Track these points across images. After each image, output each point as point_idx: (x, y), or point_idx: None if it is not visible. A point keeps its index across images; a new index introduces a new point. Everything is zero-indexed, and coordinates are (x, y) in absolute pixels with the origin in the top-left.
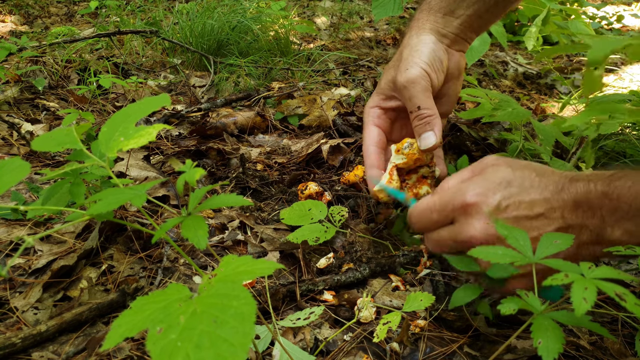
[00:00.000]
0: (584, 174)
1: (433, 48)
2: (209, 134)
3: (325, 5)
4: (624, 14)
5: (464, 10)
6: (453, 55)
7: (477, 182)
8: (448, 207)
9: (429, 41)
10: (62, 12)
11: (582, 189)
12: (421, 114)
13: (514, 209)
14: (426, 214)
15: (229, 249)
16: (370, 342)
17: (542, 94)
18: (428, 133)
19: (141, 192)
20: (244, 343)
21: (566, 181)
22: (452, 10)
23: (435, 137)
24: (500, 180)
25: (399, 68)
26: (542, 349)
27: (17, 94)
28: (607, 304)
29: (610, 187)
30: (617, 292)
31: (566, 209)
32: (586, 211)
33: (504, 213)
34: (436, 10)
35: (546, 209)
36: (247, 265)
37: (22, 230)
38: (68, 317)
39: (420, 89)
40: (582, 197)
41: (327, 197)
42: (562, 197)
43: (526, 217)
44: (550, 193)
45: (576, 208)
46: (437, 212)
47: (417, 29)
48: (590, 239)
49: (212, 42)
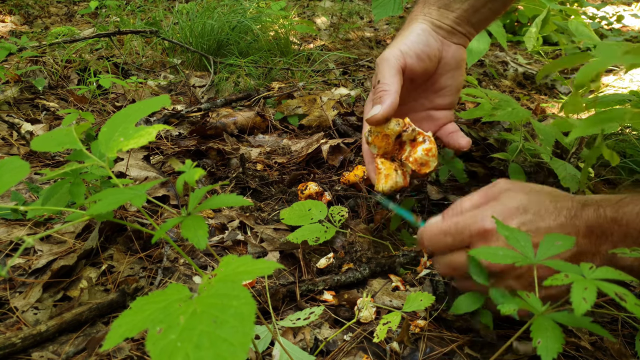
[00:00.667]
0: (593, 199)
1: (419, 34)
2: (209, 134)
3: (325, 5)
4: (624, 14)
5: (459, 4)
6: (449, 46)
7: (494, 207)
8: (465, 232)
9: (418, 29)
10: (62, 12)
11: (592, 215)
12: (377, 88)
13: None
14: (440, 238)
15: (229, 249)
16: (370, 342)
17: (542, 94)
18: (376, 106)
19: (141, 192)
20: (243, 343)
21: (578, 207)
22: (447, 4)
23: (381, 109)
24: (517, 205)
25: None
26: (541, 349)
27: (17, 94)
28: (607, 303)
29: (619, 213)
30: (617, 292)
31: (579, 235)
32: (599, 237)
33: None
34: (431, 4)
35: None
36: (247, 265)
37: (22, 230)
38: (68, 317)
39: (387, 66)
40: (594, 223)
41: (327, 197)
42: (575, 224)
43: None
44: (565, 218)
45: (589, 234)
46: (452, 236)
47: (410, 20)
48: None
49: (212, 42)
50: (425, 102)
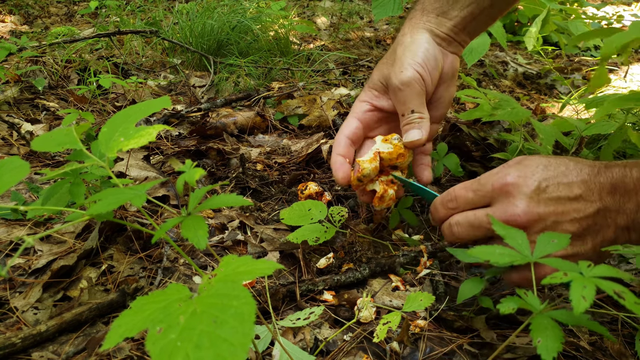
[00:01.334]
0: (618, 162)
1: (427, 47)
2: (208, 134)
3: (325, 5)
4: (624, 14)
5: (457, 12)
6: (447, 56)
7: (515, 166)
8: (487, 186)
9: (423, 40)
10: (62, 12)
11: (618, 174)
12: (412, 118)
13: (554, 189)
14: (462, 193)
15: (228, 249)
16: (370, 342)
17: (542, 94)
18: (415, 130)
19: (141, 192)
20: (243, 343)
21: (602, 166)
22: (446, 11)
23: (421, 134)
24: (538, 164)
25: (393, 67)
26: (541, 348)
27: (17, 94)
28: (607, 303)
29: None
30: (616, 290)
31: (604, 191)
32: (623, 195)
33: (545, 193)
34: (429, 11)
35: (584, 190)
36: (247, 265)
37: (22, 230)
38: (68, 317)
39: (415, 93)
40: (619, 181)
41: (327, 197)
42: (599, 180)
43: (567, 198)
44: (588, 175)
45: (613, 191)
46: (474, 191)
47: (411, 27)
48: (626, 223)
49: (212, 42)
50: None
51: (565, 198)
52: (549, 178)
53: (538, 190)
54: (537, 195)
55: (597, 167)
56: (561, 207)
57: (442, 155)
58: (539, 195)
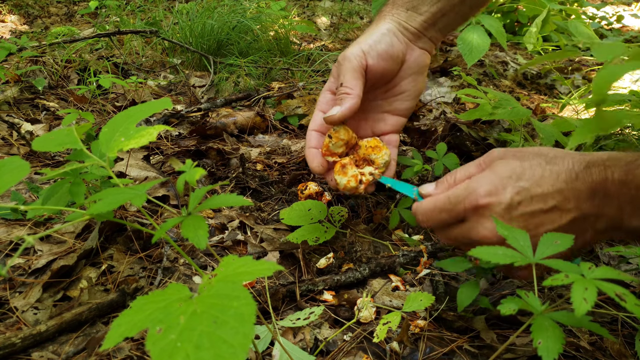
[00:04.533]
0: (600, 158)
1: (384, 33)
2: (208, 134)
3: (325, 5)
4: (624, 14)
5: (427, 7)
6: (413, 50)
7: (487, 177)
8: (459, 207)
9: (384, 28)
10: (62, 12)
11: (597, 176)
12: (340, 90)
13: (527, 204)
14: (435, 214)
15: (229, 249)
16: (370, 342)
17: (542, 94)
18: (336, 107)
19: (141, 192)
20: (243, 344)
21: (580, 168)
22: (415, 6)
23: (337, 109)
24: (510, 173)
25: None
26: (542, 349)
27: (17, 94)
28: (607, 304)
29: (628, 176)
30: (617, 292)
31: (581, 199)
32: (602, 199)
33: (517, 210)
34: (399, 5)
35: (559, 201)
36: (247, 265)
37: (22, 230)
38: (68, 317)
39: (349, 67)
40: (599, 185)
41: (327, 197)
42: (576, 187)
43: (540, 210)
44: (564, 182)
45: (592, 197)
46: (447, 212)
47: (378, 20)
48: (607, 226)
49: (212, 42)
50: (383, 104)
51: (538, 211)
52: (522, 191)
53: (510, 207)
54: (509, 213)
55: (576, 169)
56: (535, 220)
57: (442, 155)
58: (511, 213)
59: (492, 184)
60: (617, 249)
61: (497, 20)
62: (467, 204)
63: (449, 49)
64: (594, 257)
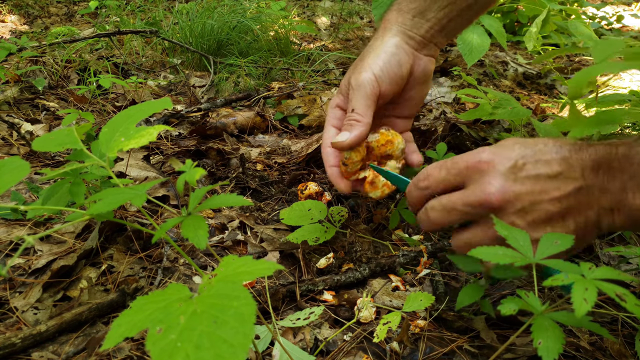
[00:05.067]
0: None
1: (393, 52)
2: (208, 134)
3: (325, 5)
4: (624, 14)
5: (434, 13)
6: (420, 59)
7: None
8: (460, 164)
9: (391, 44)
10: (62, 12)
11: (601, 151)
12: (351, 116)
13: (531, 167)
14: (434, 172)
15: (229, 249)
16: (370, 342)
17: (542, 94)
18: (345, 133)
19: (141, 192)
20: (243, 344)
21: (584, 144)
22: (422, 12)
23: (347, 136)
24: (514, 143)
25: (355, 69)
26: (542, 350)
27: (17, 94)
28: (607, 304)
29: (632, 151)
30: (618, 292)
31: (586, 169)
32: (607, 173)
33: (521, 171)
34: (406, 12)
35: (564, 167)
36: (247, 265)
37: (22, 230)
38: (68, 317)
39: (361, 94)
40: (603, 159)
41: (327, 197)
42: (580, 156)
43: (546, 175)
44: (568, 152)
45: (597, 169)
46: (447, 169)
47: (384, 30)
48: (610, 203)
49: (212, 42)
50: (389, 109)
51: (544, 176)
52: (526, 156)
53: (514, 167)
54: (514, 174)
55: (579, 144)
56: (539, 185)
57: (441, 155)
58: (515, 174)
59: (496, 149)
60: (617, 249)
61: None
62: (470, 160)
63: (449, 49)
64: (594, 257)
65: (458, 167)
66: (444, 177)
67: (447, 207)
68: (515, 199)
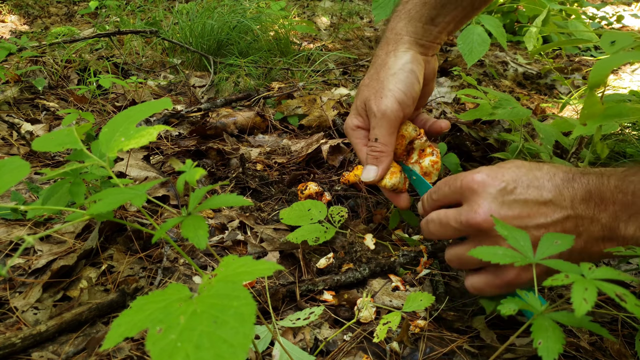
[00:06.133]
0: (595, 169)
1: (411, 69)
2: (208, 134)
3: (325, 5)
4: (624, 14)
5: (443, 17)
6: (429, 62)
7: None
8: (457, 182)
9: (407, 61)
10: (62, 12)
11: (594, 181)
12: (375, 147)
13: (522, 191)
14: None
15: (228, 249)
16: (370, 342)
17: (542, 94)
18: (372, 167)
19: (141, 192)
20: (244, 344)
21: (577, 173)
22: (433, 17)
23: (376, 174)
24: (510, 166)
25: (375, 92)
26: (542, 350)
27: (17, 94)
28: (607, 304)
29: (624, 182)
30: (618, 292)
31: (576, 199)
32: (598, 204)
33: (511, 195)
34: (417, 20)
35: (555, 195)
36: (247, 265)
37: (22, 230)
38: (68, 317)
39: (385, 123)
40: (594, 189)
41: (326, 197)
42: (572, 186)
43: (535, 201)
44: (561, 180)
45: (588, 199)
46: (449, 185)
47: (395, 43)
48: (602, 233)
49: (212, 42)
50: None
51: (533, 201)
52: (519, 179)
53: (504, 191)
54: (502, 197)
55: (573, 173)
56: (527, 210)
57: (442, 154)
58: (504, 197)
59: (491, 170)
60: (617, 249)
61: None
62: (464, 179)
63: (449, 49)
64: None
65: (455, 185)
66: (446, 193)
67: (442, 222)
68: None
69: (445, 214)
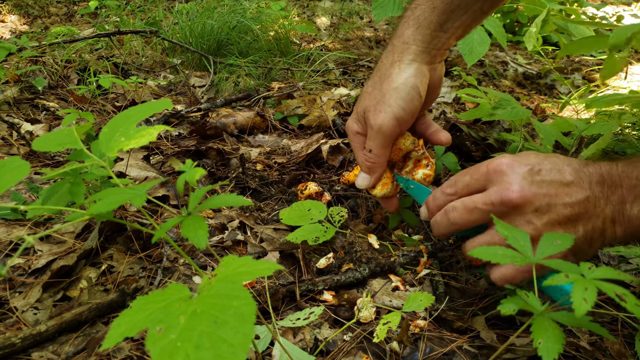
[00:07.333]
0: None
1: (414, 84)
2: (208, 134)
3: (325, 5)
4: (624, 14)
5: (452, 23)
6: (435, 70)
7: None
8: (482, 168)
9: (410, 74)
10: (62, 12)
11: (605, 167)
12: (369, 158)
13: (546, 173)
14: (460, 177)
15: (228, 249)
16: (370, 342)
17: (542, 94)
18: (365, 175)
19: (141, 192)
20: (243, 344)
21: (589, 161)
22: (442, 23)
23: (369, 182)
24: (529, 153)
25: (375, 104)
26: (542, 350)
27: (17, 94)
28: (607, 304)
29: (629, 167)
30: (618, 292)
31: (593, 181)
32: (610, 187)
33: (538, 175)
34: (425, 27)
35: (575, 178)
36: (247, 265)
37: (22, 230)
38: (68, 317)
39: (382, 138)
40: (606, 173)
41: (326, 197)
42: (588, 170)
43: (560, 182)
44: (577, 165)
45: (602, 182)
46: (471, 174)
47: (401, 53)
48: (612, 214)
49: (212, 42)
50: None
51: (557, 182)
52: (542, 163)
53: (531, 171)
54: (531, 177)
55: (585, 161)
56: (554, 189)
57: (441, 154)
58: (532, 177)
59: (514, 156)
60: (617, 249)
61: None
62: (491, 164)
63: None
64: (594, 257)
65: (480, 171)
66: (468, 182)
67: (468, 207)
68: (533, 199)
69: (470, 199)
